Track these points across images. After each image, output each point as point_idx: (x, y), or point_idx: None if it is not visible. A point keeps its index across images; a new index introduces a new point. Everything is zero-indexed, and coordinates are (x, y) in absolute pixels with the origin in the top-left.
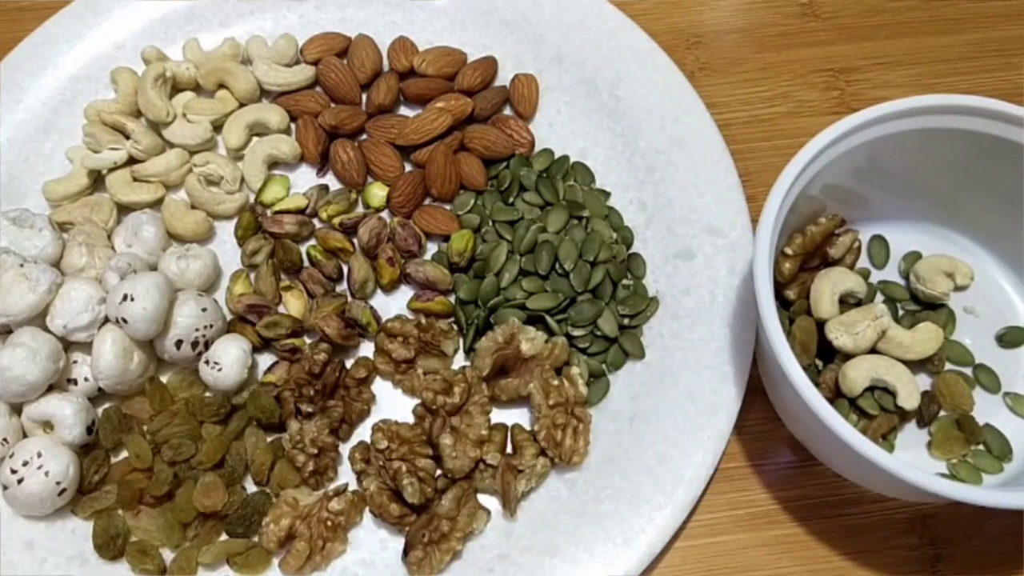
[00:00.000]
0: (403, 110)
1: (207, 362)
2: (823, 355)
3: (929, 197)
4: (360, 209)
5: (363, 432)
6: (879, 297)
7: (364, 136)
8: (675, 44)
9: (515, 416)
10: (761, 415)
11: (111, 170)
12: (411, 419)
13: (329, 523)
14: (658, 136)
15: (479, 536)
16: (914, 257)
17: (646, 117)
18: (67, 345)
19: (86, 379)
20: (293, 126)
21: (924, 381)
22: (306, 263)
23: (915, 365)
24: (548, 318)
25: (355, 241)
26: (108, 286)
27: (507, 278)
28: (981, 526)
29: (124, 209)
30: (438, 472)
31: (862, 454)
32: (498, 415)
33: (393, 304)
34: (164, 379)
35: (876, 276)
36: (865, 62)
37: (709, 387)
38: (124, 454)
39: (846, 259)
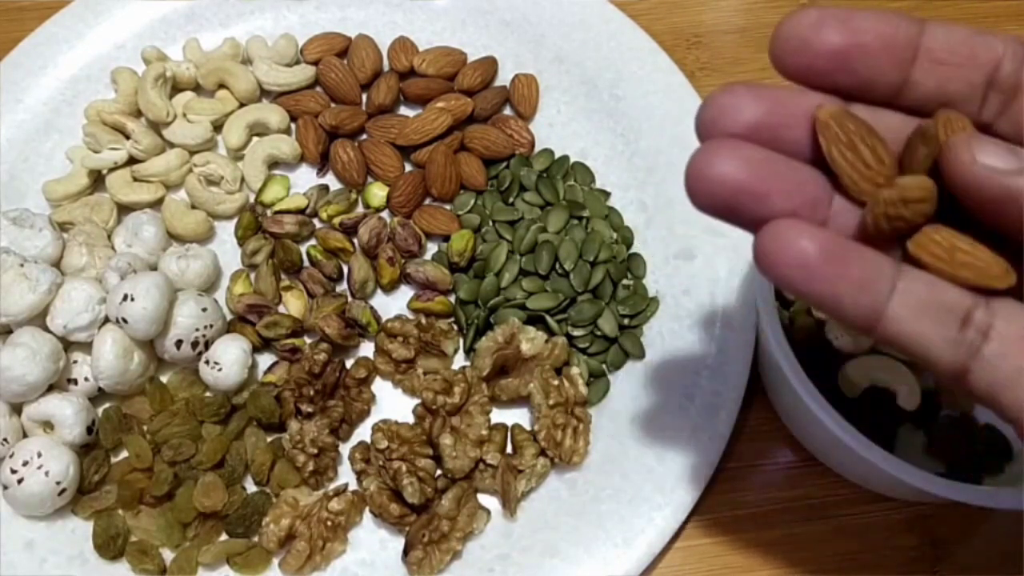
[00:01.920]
0: (403, 110)
1: (207, 362)
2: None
3: None
4: (360, 209)
5: (363, 432)
6: None
7: (364, 136)
8: (675, 44)
9: (515, 416)
10: (761, 415)
11: (111, 170)
12: (411, 419)
13: (329, 523)
14: (658, 136)
15: (479, 536)
16: None
17: (646, 117)
18: (67, 345)
19: (86, 379)
20: (293, 126)
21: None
22: (306, 263)
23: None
24: (548, 318)
25: (355, 241)
26: (108, 286)
27: (507, 278)
28: (981, 526)
29: (124, 209)
30: (438, 472)
31: (862, 454)
32: (498, 415)
33: (393, 304)
34: (164, 379)
35: None
36: None
37: (709, 387)
38: (124, 454)
39: None
